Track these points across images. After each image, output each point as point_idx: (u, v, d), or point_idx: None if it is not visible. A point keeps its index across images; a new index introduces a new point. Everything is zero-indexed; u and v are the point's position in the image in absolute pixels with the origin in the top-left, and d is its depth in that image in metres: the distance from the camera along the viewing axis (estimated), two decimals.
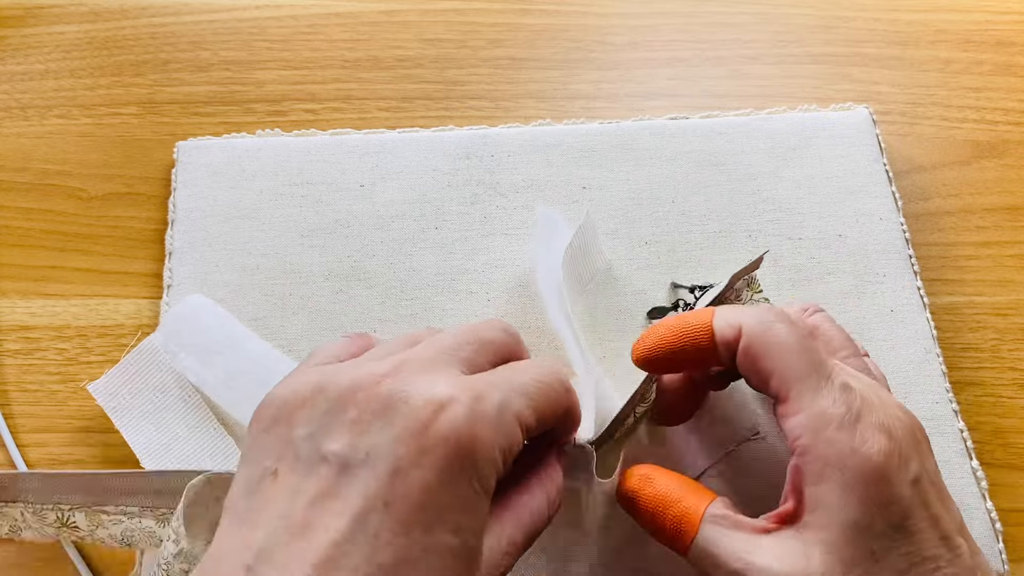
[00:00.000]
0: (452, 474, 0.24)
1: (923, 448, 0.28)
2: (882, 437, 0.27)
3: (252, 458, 0.26)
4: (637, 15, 0.51)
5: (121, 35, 0.50)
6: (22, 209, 0.44)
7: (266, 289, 0.41)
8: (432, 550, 0.23)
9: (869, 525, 0.26)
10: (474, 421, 0.25)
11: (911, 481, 0.27)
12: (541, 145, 0.44)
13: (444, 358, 0.27)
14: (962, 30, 0.50)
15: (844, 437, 0.27)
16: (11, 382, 0.40)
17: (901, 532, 0.26)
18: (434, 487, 0.24)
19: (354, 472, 0.24)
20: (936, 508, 0.27)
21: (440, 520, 0.24)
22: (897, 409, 0.28)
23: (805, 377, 0.28)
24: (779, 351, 0.28)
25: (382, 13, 0.50)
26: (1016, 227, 0.44)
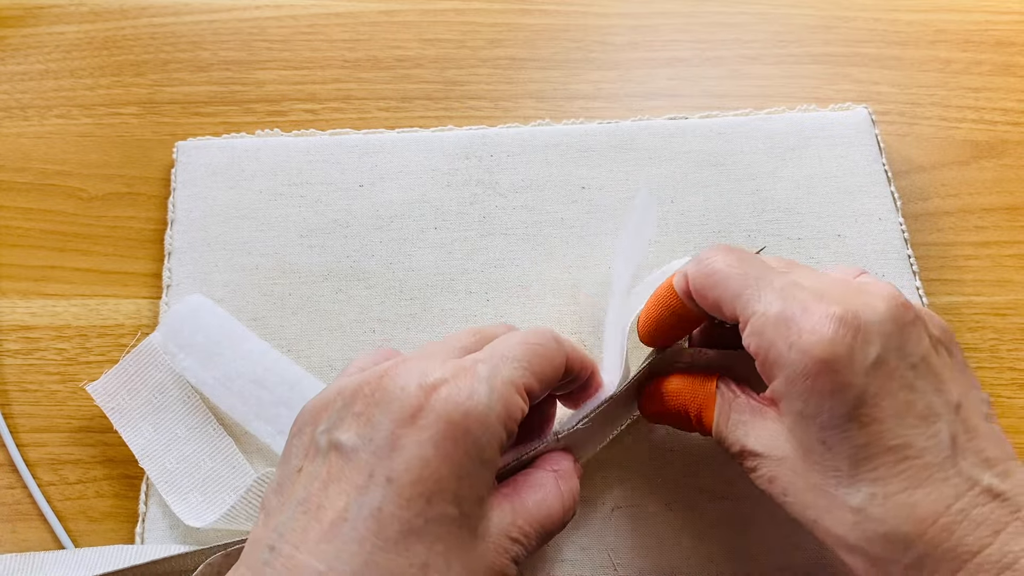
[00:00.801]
0: (448, 447, 0.25)
1: (905, 331, 0.27)
2: (827, 327, 0.26)
3: (284, 460, 0.28)
4: (637, 15, 0.51)
5: (121, 35, 0.50)
6: (22, 209, 0.44)
7: (265, 289, 0.41)
8: (434, 520, 0.25)
9: (815, 414, 0.26)
10: (465, 395, 0.26)
11: (868, 367, 0.26)
12: (540, 145, 0.44)
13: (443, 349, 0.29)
14: (962, 30, 0.50)
15: (781, 334, 0.27)
16: (11, 382, 0.40)
17: (853, 422, 0.26)
18: (431, 460, 0.25)
19: (358, 455, 0.26)
20: (907, 394, 0.26)
21: (439, 491, 0.25)
22: (873, 297, 0.27)
23: (743, 290, 0.29)
24: (717, 279, 0.29)
25: (382, 13, 0.50)
26: (1015, 227, 0.44)
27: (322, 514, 0.25)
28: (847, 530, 0.26)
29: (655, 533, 0.36)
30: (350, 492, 0.25)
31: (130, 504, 0.37)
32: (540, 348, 0.29)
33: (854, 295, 0.27)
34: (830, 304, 0.27)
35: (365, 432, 0.26)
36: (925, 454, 0.26)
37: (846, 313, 0.26)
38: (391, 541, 0.25)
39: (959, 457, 0.26)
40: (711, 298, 0.30)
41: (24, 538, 0.37)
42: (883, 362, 0.26)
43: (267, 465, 0.37)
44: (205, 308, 0.39)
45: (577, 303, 0.41)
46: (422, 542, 0.25)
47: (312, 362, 0.39)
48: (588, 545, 0.36)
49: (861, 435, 0.26)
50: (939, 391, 0.27)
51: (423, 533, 0.25)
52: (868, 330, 0.26)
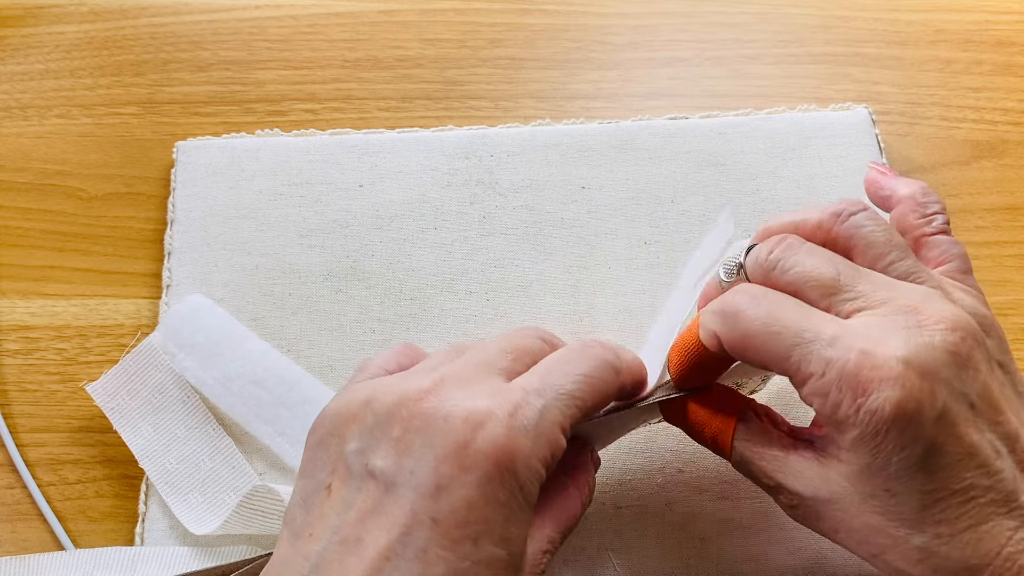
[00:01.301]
0: (494, 488, 0.25)
1: (967, 368, 0.26)
2: (893, 384, 0.25)
3: (308, 472, 0.27)
4: (637, 15, 0.51)
5: (121, 35, 0.50)
6: (21, 209, 0.44)
7: (265, 289, 0.41)
8: (480, 563, 0.24)
9: (883, 467, 0.26)
10: (513, 436, 0.25)
11: (935, 419, 0.25)
12: (540, 145, 0.44)
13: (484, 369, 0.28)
14: (962, 30, 0.50)
15: (845, 396, 0.25)
16: (11, 382, 0.40)
17: (920, 471, 0.25)
18: (478, 502, 0.25)
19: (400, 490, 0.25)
20: (972, 435, 0.25)
21: (487, 533, 0.25)
22: (931, 331, 0.26)
23: (791, 351, 0.27)
24: (755, 343, 0.27)
25: (382, 13, 0.50)
26: (1015, 227, 0.44)
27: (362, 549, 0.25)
28: (911, 565, 0.26)
29: (655, 533, 0.36)
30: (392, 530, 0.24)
31: (130, 504, 0.37)
32: (599, 384, 0.28)
33: (915, 332, 0.26)
34: (892, 349, 0.25)
35: (406, 463, 0.25)
36: (989, 492, 0.25)
37: (909, 364, 0.25)
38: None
39: (1019, 490, 0.26)
40: (754, 359, 0.28)
41: (24, 538, 0.37)
42: (948, 410, 0.25)
43: (267, 465, 0.37)
44: (205, 308, 0.39)
45: (577, 302, 0.41)
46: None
47: (312, 362, 0.39)
48: (588, 545, 0.36)
49: (928, 483, 0.25)
50: (998, 424, 0.26)
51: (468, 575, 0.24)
52: (933, 378, 0.25)
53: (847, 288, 0.27)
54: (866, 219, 0.29)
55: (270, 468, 0.37)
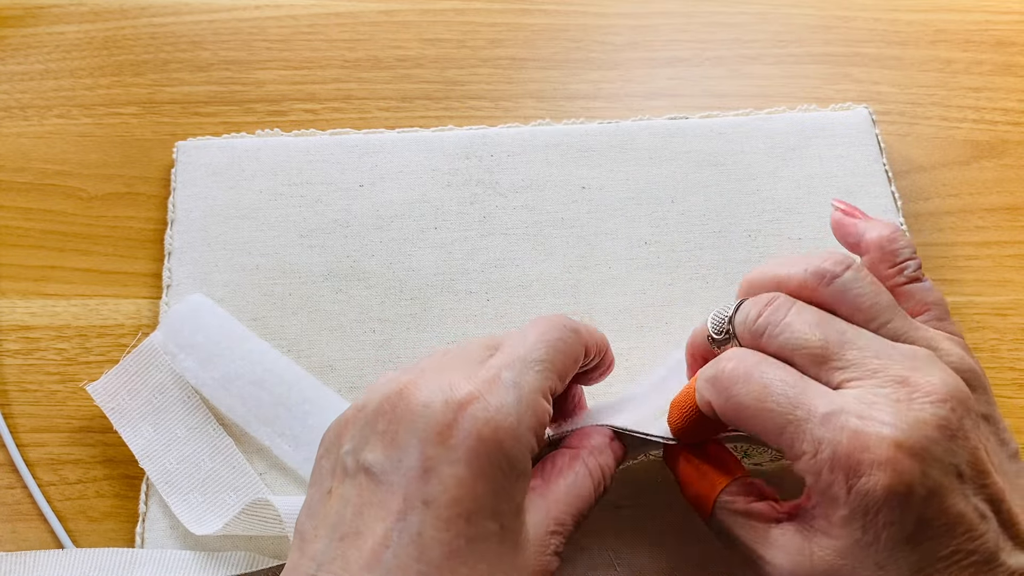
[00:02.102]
0: (482, 464, 0.25)
1: (956, 439, 0.26)
2: (884, 468, 0.25)
3: (314, 481, 0.28)
4: (637, 15, 0.51)
5: (121, 35, 0.50)
6: (21, 209, 0.44)
7: (266, 289, 0.41)
8: (476, 538, 0.25)
9: (872, 543, 0.26)
10: (494, 410, 0.26)
11: (924, 497, 0.25)
12: (540, 145, 0.44)
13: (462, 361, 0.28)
14: (962, 30, 0.50)
15: (837, 477, 0.26)
16: (11, 382, 0.40)
17: (910, 544, 0.26)
18: (466, 479, 0.25)
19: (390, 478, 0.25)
20: (960, 505, 0.26)
21: (479, 510, 0.25)
22: (920, 405, 0.26)
23: (782, 431, 0.27)
24: (748, 416, 0.28)
25: (382, 13, 0.50)
26: (1016, 227, 0.44)
27: (361, 541, 0.25)
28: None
29: (655, 533, 0.36)
30: (387, 518, 0.25)
31: (130, 504, 0.37)
32: (560, 343, 0.29)
33: (904, 408, 0.26)
34: (883, 427, 0.25)
35: (393, 453, 0.26)
36: (972, 555, 0.26)
37: (900, 446, 0.25)
38: (435, 565, 0.24)
39: (1001, 551, 0.26)
40: (748, 431, 0.28)
41: (24, 538, 0.37)
42: (938, 487, 0.26)
43: (267, 465, 0.37)
44: (205, 308, 0.39)
45: (577, 302, 0.41)
46: (466, 563, 0.25)
47: (312, 362, 0.39)
48: (588, 545, 0.36)
49: (915, 554, 0.26)
50: (984, 487, 0.27)
51: (466, 553, 0.25)
52: (923, 457, 0.25)
53: (836, 356, 0.28)
54: (851, 281, 0.29)
55: (270, 468, 0.37)
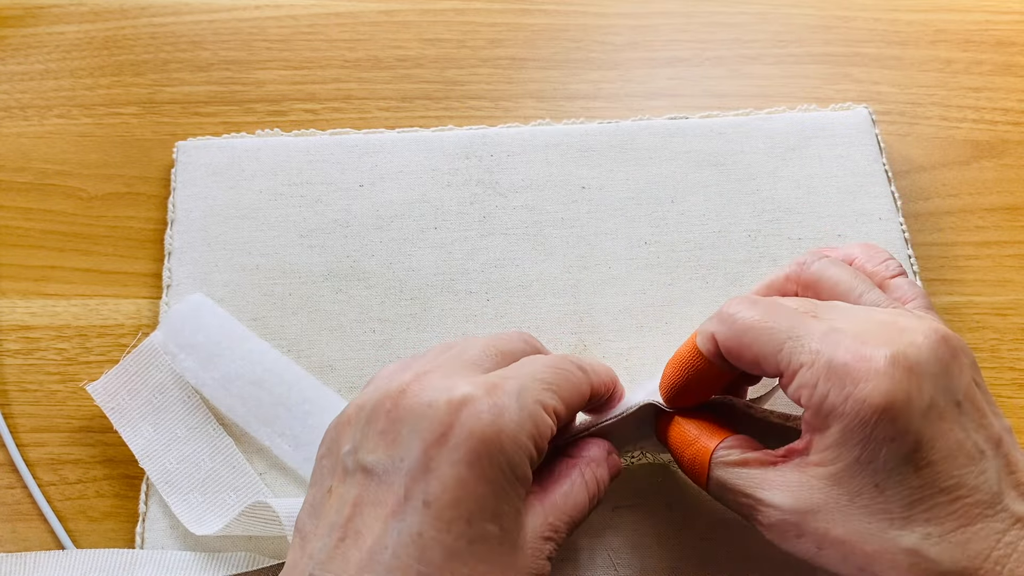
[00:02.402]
0: (483, 466, 0.25)
1: (949, 368, 0.27)
2: (881, 374, 0.26)
3: (315, 481, 0.28)
4: (637, 15, 0.51)
5: (121, 35, 0.50)
6: (22, 209, 0.44)
7: (266, 289, 0.41)
8: (475, 540, 0.25)
9: (871, 460, 0.26)
10: (496, 412, 0.26)
11: (923, 410, 0.26)
12: (540, 145, 0.44)
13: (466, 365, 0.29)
14: (962, 30, 0.50)
15: (834, 385, 0.26)
16: (11, 382, 0.40)
17: (909, 464, 0.26)
18: (468, 480, 0.25)
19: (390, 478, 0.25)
20: (957, 433, 0.26)
21: (479, 511, 0.25)
22: (912, 334, 0.27)
23: (784, 343, 0.28)
24: (749, 339, 0.28)
25: (382, 13, 0.50)
26: (1015, 227, 0.44)
27: (360, 541, 0.25)
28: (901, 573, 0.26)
29: (655, 533, 0.36)
30: (386, 517, 0.25)
31: (130, 504, 0.37)
32: (567, 374, 0.29)
33: (897, 335, 0.27)
34: (878, 347, 0.26)
35: (394, 452, 0.26)
36: (975, 492, 0.26)
37: (897, 357, 0.26)
38: (435, 566, 0.24)
39: (1004, 493, 0.26)
40: (748, 356, 0.29)
41: (24, 538, 0.37)
42: (935, 404, 0.26)
43: (267, 465, 0.37)
44: (206, 308, 0.39)
45: (577, 302, 0.41)
46: (466, 564, 0.25)
47: (312, 362, 0.39)
48: (588, 545, 0.36)
49: (916, 478, 0.26)
50: (982, 426, 0.27)
51: (466, 555, 0.25)
52: (919, 372, 0.26)
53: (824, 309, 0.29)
54: (829, 263, 0.32)
55: (270, 468, 0.37)
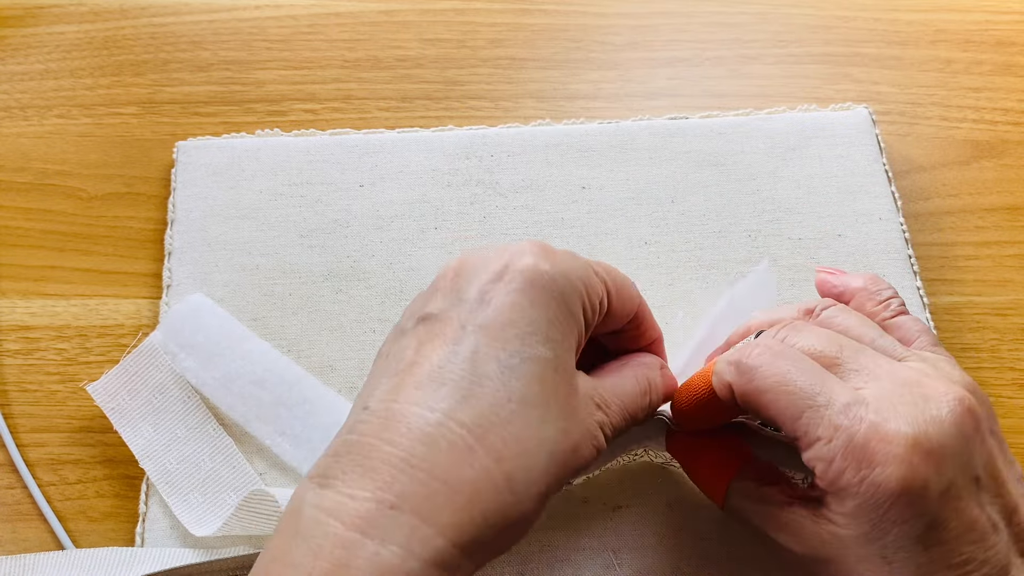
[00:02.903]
0: (536, 293, 0.26)
1: (973, 443, 0.26)
2: (900, 460, 0.25)
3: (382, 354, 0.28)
4: (637, 15, 0.51)
5: (121, 35, 0.50)
6: (21, 209, 0.44)
7: (266, 289, 0.41)
8: (528, 359, 0.25)
9: (880, 538, 0.26)
10: (549, 256, 0.27)
11: (940, 493, 0.25)
12: (540, 145, 0.44)
13: None
14: (962, 30, 0.50)
15: (850, 465, 0.26)
16: (11, 382, 0.40)
17: (919, 544, 0.25)
18: (521, 304, 0.26)
19: (448, 315, 0.27)
20: (973, 510, 0.26)
21: (532, 333, 0.26)
22: (936, 406, 0.26)
23: (803, 412, 0.27)
24: (767, 400, 0.28)
25: (382, 13, 0.50)
26: (1016, 227, 0.44)
27: (417, 369, 0.25)
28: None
29: (656, 533, 0.36)
30: (444, 346, 0.26)
31: (130, 504, 0.37)
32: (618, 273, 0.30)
33: (921, 407, 0.26)
34: (900, 426, 0.25)
35: (453, 296, 0.27)
36: (983, 567, 0.26)
37: (918, 440, 0.25)
38: (488, 378, 0.25)
39: (1012, 566, 0.26)
40: (765, 415, 0.28)
41: (24, 538, 0.37)
42: (952, 486, 0.26)
43: (267, 465, 0.37)
44: (206, 308, 0.39)
45: None
46: (520, 379, 0.25)
47: (312, 362, 0.39)
48: (588, 545, 0.36)
49: (924, 555, 0.25)
50: (999, 496, 0.26)
51: (520, 371, 0.25)
52: (941, 455, 0.25)
53: (851, 360, 0.28)
54: (838, 311, 0.31)
55: (270, 468, 0.37)
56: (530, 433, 0.25)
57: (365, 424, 0.25)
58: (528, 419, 0.25)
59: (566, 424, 0.26)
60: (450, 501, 0.23)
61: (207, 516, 0.36)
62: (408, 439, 0.24)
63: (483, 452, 0.24)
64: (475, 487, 0.24)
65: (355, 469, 0.24)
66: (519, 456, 0.25)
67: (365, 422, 0.25)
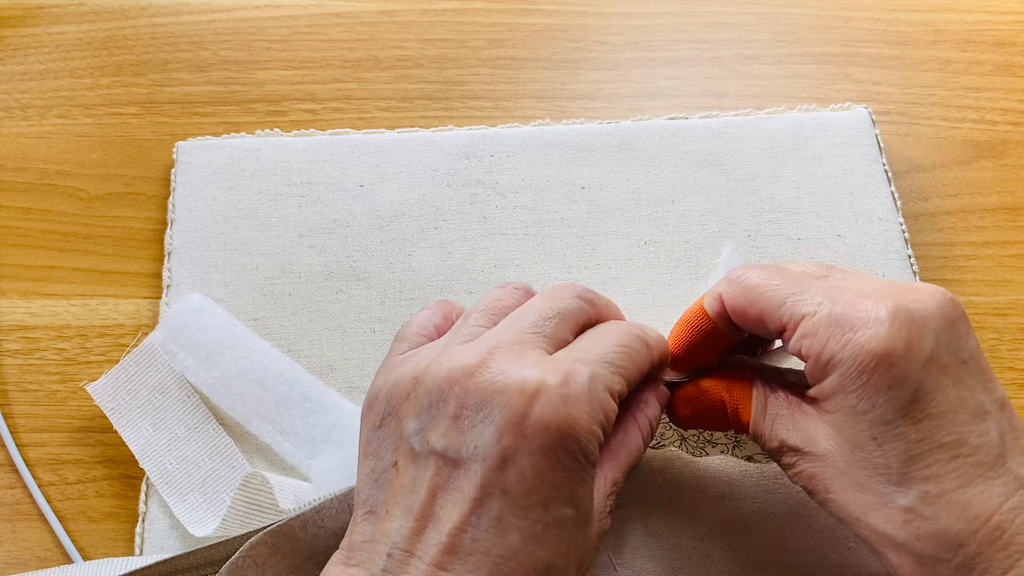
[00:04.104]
0: (557, 454, 0.26)
1: (955, 327, 0.27)
2: (882, 321, 0.26)
3: (372, 452, 0.28)
4: (637, 15, 0.51)
5: (121, 35, 0.50)
6: (21, 209, 0.44)
7: (266, 289, 0.41)
8: (552, 524, 0.25)
9: (868, 410, 0.26)
10: (569, 403, 0.26)
11: (922, 361, 0.26)
12: (540, 145, 0.44)
13: (529, 339, 0.28)
14: (962, 30, 0.50)
15: (834, 332, 0.26)
16: (11, 382, 0.40)
17: (907, 417, 0.26)
18: (544, 469, 0.25)
19: (467, 465, 0.26)
20: (961, 390, 0.26)
21: (555, 497, 0.26)
22: (919, 292, 0.27)
23: (787, 298, 0.28)
24: (757, 294, 0.29)
25: (382, 13, 0.50)
26: (1015, 227, 0.44)
27: (439, 525, 0.25)
28: (895, 529, 0.26)
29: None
30: (464, 504, 0.25)
31: (130, 504, 0.37)
32: (633, 353, 0.29)
33: (904, 292, 0.27)
34: (881, 300, 0.26)
35: (468, 440, 0.26)
36: (977, 452, 0.25)
37: (899, 308, 0.26)
38: (512, 549, 0.25)
39: (1008, 455, 0.26)
40: (753, 314, 0.29)
41: (24, 538, 0.37)
42: (936, 357, 0.26)
43: (267, 465, 0.37)
44: (206, 308, 0.39)
45: None
46: (543, 547, 0.25)
47: (312, 362, 0.39)
48: None
49: (915, 431, 0.25)
50: (987, 388, 0.27)
51: (543, 538, 0.25)
52: (922, 324, 0.26)
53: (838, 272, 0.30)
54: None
55: (270, 468, 0.37)
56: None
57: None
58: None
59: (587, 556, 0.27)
60: None
61: (207, 516, 0.36)
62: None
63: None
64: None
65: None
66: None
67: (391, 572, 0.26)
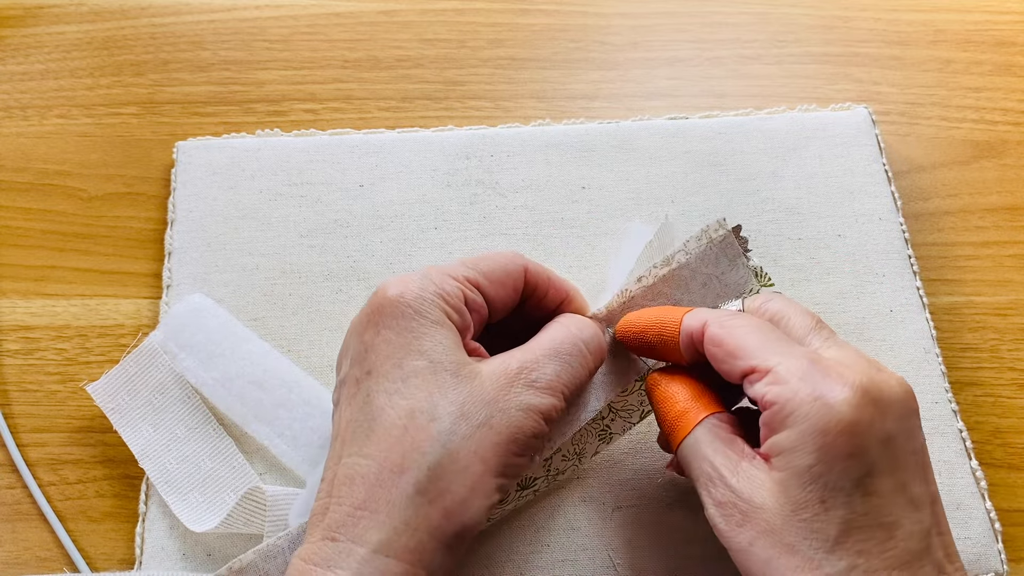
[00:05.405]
0: (397, 321, 0.30)
1: (912, 418, 0.28)
2: (853, 392, 0.26)
3: None
4: (637, 15, 0.51)
5: (121, 35, 0.50)
6: (22, 209, 0.44)
7: (266, 289, 0.41)
8: (410, 375, 0.29)
9: (823, 474, 0.26)
10: (398, 284, 0.31)
11: (881, 440, 0.26)
12: (540, 145, 0.44)
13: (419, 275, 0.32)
14: (962, 30, 0.50)
15: (806, 387, 0.27)
16: (11, 382, 0.40)
17: (859, 488, 0.26)
18: (390, 337, 0.30)
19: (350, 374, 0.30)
20: (906, 476, 0.27)
21: (407, 354, 0.29)
22: (889, 377, 0.28)
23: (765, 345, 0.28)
24: (739, 333, 0.29)
25: (382, 13, 0.50)
26: (1015, 227, 0.44)
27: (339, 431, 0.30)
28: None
29: (655, 533, 0.36)
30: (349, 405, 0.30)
31: (130, 504, 0.37)
32: (495, 255, 0.33)
33: (875, 371, 0.28)
34: (856, 374, 0.27)
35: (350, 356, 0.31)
36: (910, 539, 0.26)
37: (872, 385, 0.27)
38: (377, 407, 0.29)
39: (932, 548, 0.27)
40: (729, 346, 0.29)
41: (24, 538, 0.37)
42: (893, 439, 0.27)
43: (267, 466, 0.37)
44: (206, 308, 0.39)
45: None
46: (404, 396, 0.29)
47: (312, 362, 0.39)
48: (588, 545, 0.36)
49: (862, 504, 0.26)
50: (925, 481, 0.28)
51: (402, 391, 0.29)
52: (887, 406, 0.27)
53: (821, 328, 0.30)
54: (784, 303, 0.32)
55: (270, 468, 0.37)
56: (424, 436, 0.28)
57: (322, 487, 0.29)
58: (419, 424, 0.28)
59: (468, 406, 0.29)
60: (375, 523, 0.27)
61: (207, 516, 0.36)
62: (337, 486, 0.29)
63: (388, 473, 0.28)
64: (391, 504, 0.27)
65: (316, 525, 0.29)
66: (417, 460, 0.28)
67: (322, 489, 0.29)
